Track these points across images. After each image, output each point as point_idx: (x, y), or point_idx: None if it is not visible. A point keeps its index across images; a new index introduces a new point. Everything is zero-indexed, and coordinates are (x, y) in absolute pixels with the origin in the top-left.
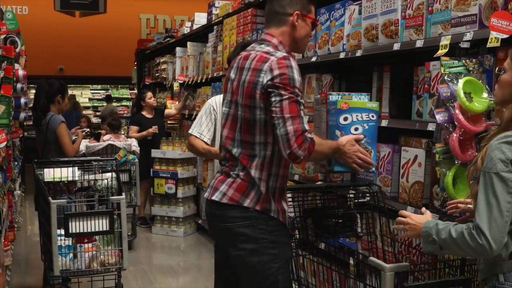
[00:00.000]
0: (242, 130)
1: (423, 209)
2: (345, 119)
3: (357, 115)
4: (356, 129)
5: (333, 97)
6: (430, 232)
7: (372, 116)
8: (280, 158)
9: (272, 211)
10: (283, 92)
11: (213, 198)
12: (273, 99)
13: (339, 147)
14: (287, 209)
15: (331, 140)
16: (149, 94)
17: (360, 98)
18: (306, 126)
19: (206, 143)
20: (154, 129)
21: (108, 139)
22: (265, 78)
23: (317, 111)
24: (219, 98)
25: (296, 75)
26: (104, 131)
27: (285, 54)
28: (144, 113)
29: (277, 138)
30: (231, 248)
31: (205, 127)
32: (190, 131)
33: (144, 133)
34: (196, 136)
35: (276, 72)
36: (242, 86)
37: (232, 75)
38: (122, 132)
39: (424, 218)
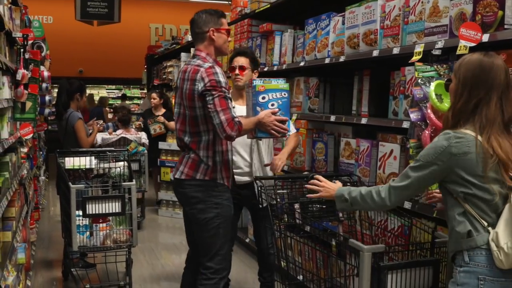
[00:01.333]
0: (190, 124)
1: (336, 181)
2: (263, 98)
3: (272, 94)
4: (272, 104)
5: (255, 82)
6: (342, 193)
7: (284, 94)
8: (220, 138)
9: (218, 178)
10: (213, 92)
11: (176, 176)
12: (207, 98)
13: (259, 120)
14: (231, 175)
15: (254, 114)
16: (152, 95)
17: (277, 82)
18: (234, 114)
19: None
20: (138, 123)
21: (120, 133)
22: (199, 86)
23: (247, 93)
24: None
25: (221, 78)
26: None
27: (210, 64)
28: (152, 109)
29: (214, 126)
30: (187, 207)
31: None
32: None
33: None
34: None
35: (206, 79)
36: (185, 93)
37: (178, 84)
38: (133, 126)
39: (337, 185)
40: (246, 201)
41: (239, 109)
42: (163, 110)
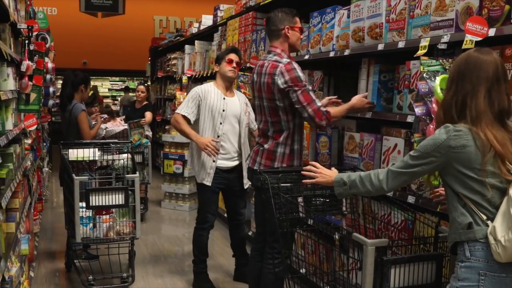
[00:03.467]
0: (271, 114)
1: (333, 168)
2: None
3: None
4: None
5: None
6: (342, 177)
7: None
8: (299, 128)
9: (295, 165)
10: (296, 88)
11: (254, 167)
12: (291, 95)
13: (351, 107)
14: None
15: None
16: (140, 88)
17: None
18: (319, 104)
19: (190, 122)
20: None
21: (114, 125)
22: (278, 80)
23: None
24: (204, 87)
25: (300, 73)
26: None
27: (288, 60)
28: (136, 102)
29: (305, 119)
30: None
31: (191, 109)
32: (177, 111)
33: None
34: (184, 115)
35: (286, 76)
36: (264, 86)
37: (255, 78)
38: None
39: (333, 172)
40: (234, 182)
41: (230, 101)
42: (145, 103)
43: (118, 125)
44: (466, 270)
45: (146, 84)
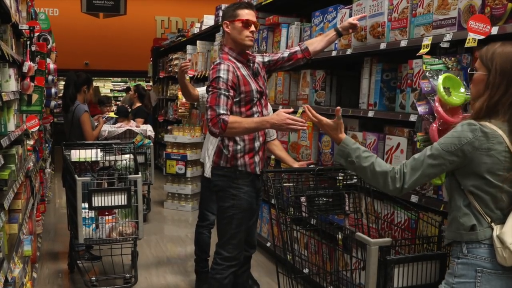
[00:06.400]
0: None
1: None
2: None
3: None
4: None
5: None
6: (349, 152)
7: None
8: None
9: (239, 165)
10: (209, 89)
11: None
12: (207, 95)
13: (265, 121)
14: (258, 161)
15: None
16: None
17: None
18: (221, 111)
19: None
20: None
21: (119, 126)
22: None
23: None
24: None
25: (223, 75)
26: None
27: (219, 61)
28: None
29: None
30: (214, 193)
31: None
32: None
33: None
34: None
35: (211, 76)
36: None
37: None
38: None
39: (342, 135)
40: None
41: None
42: (138, 104)
43: (131, 126)
44: (463, 267)
45: (134, 85)
